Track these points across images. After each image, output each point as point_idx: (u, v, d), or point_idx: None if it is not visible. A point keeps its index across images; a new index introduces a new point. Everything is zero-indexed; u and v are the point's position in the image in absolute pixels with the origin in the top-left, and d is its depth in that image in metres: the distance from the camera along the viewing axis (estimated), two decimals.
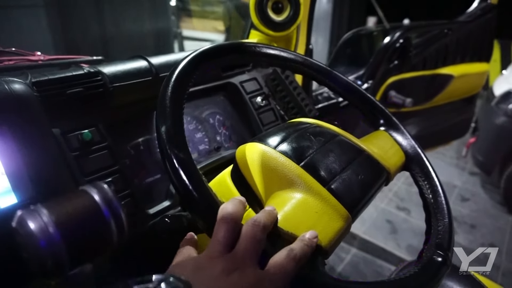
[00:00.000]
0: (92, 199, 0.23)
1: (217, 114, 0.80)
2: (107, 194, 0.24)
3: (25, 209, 0.22)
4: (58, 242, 0.21)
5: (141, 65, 0.66)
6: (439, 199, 0.52)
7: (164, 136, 0.40)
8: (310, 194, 0.43)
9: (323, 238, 0.39)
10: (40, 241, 0.20)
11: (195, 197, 0.37)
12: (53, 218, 0.21)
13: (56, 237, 0.21)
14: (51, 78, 0.54)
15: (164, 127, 0.40)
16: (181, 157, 0.38)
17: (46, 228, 0.21)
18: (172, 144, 0.39)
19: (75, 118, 0.56)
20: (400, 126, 0.62)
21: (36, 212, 0.22)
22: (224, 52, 0.54)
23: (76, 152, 0.53)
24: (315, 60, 0.64)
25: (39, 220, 0.21)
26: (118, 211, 0.23)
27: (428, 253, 0.45)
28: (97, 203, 0.23)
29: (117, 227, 0.23)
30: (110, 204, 0.23)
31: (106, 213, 0.23)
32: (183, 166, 0.38)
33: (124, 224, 0.24)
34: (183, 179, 0.37)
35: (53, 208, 0.22)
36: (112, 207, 0.23)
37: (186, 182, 0.37)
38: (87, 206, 0.23)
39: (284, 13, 0.87)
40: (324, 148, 0.49)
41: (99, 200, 0.23)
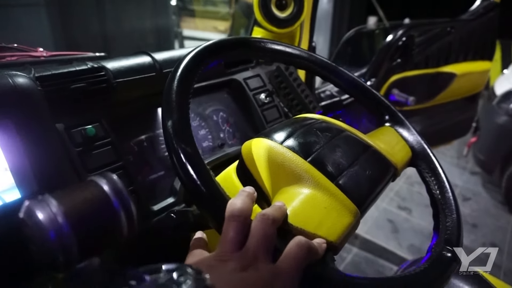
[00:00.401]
0: (102, 189, 0.23)
1: (221, 111, 0.79)
2: (117, 185, 0.23)
3: (32, 199, 0.21)
4: (68, 233, 0.20)
5: (145, 61, 0.65)
6: (447, 195, 0.52)
7: (171, 130, 0.39)
8: (319, 189, 0.42)
9: (333, 234, 0.39)
10: (49, 232, 0.20)
11: (203, 191, 0.36)
12: (62, 208, 0.20)
13: (65, 228, 0.20)
14: (55, 73, 0.53)
15: (170, 121, 0.40)
16: (188, 151, 0.38)
17: (55, 218, 0.20)
18: (179, 139, 0.38)
19: (78, 113, 0.55)
20: (406, 121, 0.61)
21: (44, 202, 0.21)
22: (230, 47, 0.54)
23: (79, 147, 0.52)
24: (320, 56, 0.63)
25: (47, 210, 0.20)
26: (128, 202, 0.23)
27: (437, 248, 0.44)
28: (107, 193, 0.22)
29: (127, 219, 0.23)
30: (120, 195, 0.23)
31: (115, 204, 0.22)
32: (190, 161, 0.37)
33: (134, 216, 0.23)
34: (190, 173, 0.36)
35: (62, 198, 0.21)
36: (122, 198, 0.23)
37: (194, 177, 0.36)
38: (96, 196, 0.22)
39: (288, 10, 0.87)
40: (331, 144, 0.48)
41: (109, 190, 0.23)
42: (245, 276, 0.30)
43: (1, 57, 0.67)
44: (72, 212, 0.21)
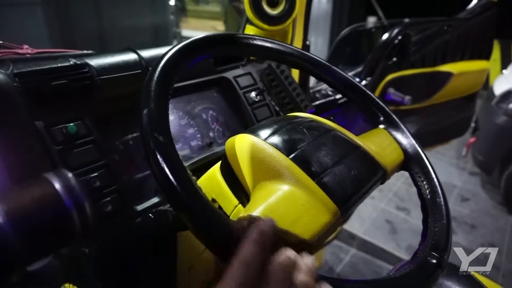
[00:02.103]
0: (53, 187, 0.21)
1: (210, 109, 0.78)
2: (69, 182, 0.22)
3: None
4: (9, 233, 0.19)
5: (131, 58, 0.64)
6: (438, 200, 0.51)
7: (146, 119, 0.38)
8: (298, 186, 0.41)
9: (308, 232, 0.37)
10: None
11: (171, 183, 0.34)
12: (4, 207, 0.19)
13: (6, 228, 0.19)
14: (35, 70, 0.52)
15: (146, 110, 0.38)
16: (161, 141, 0.36)
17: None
18: (153, 129, 0.37)
19: (60, 111, 0.54)
20: (400, 124, 0.60)
21: None
22: (216, 42, 0.53)
23: (60, 145, 0.51)
24: (311, 54, 0.62)
25: None
26: (82, 200, 0.21)
27: (423, 254, 0.43)
28: (58, 192, 0.21)
29: (80, 217, 0.21)
30: (73, 192, 0.21)
31: (67, 203, 0.21)
32: (162, 152, 0.35)
33: (88, 214, 0.22)
34: (161, 165, 0.34)
35: (7, 197, 0.20)
36: (75, 196, 0.21)
37: (165, 169, 0.34)
38: (46, 195, 0.21)
39: (279, 7, 0.85)
40: (317, 142, 0.47)
41: (60, 188, 0.21)
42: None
43: None
44: (16, 211, 0.20)
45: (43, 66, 0.54)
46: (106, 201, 0.53)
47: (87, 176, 0.52)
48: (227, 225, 0.34)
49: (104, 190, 0.53)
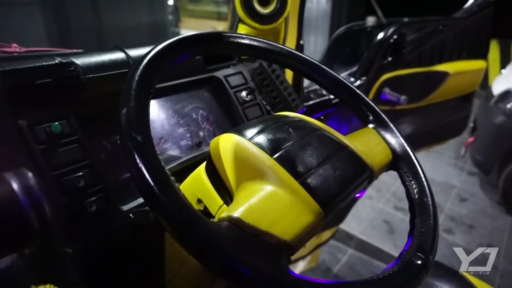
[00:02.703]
0: (9, 187, 0.21)
1: (201, 108, 0.77)
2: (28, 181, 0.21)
3: None
4: None
5: (118, 57, 0.64)
6: (425, 200, 0.50)
7: (125, 118, 0.37)
8: (280, 186, 0.40)
9: (288, 232, 0.37)
10: None
11: (147, 182, 0.33)
12: None
13: None
14: (18, 68, 0.52)
15: (125, 109, 0.38)
16: (139, 141, 0.35)
17: None
18: (131, 127, 0.36)
19: (44, 110, 0.53)
20: (389, 123, 0.59)
21: None
22: (203, 40, 0.52)
23: (43, 145, 0.50)
24: (300, 53, 0.61)
25: None
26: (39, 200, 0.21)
27: (408, 254, 0.42)
28: (15, 191, 0.21)
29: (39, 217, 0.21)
30: (30, 192, 0.21)
31: (24, 203, 0.21)
32: (140, 151, 0.35)
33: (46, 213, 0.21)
34: (138, 165, 0.34)
35: None
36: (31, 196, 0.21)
37: (142, 169, 0.34)
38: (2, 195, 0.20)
39: (270, 6, 0.85)
40: (302, 141, 0.46)
41: (18, 188, 0.21)
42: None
43: None
44: None
45: (28, 64, 0.53)
46: (90, 200, 0.52)
47: (71, 176, 0.51)
48: (206, 228, 0.33)
49: (89, 190, 0.53)
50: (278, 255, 0.35)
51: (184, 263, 0.54)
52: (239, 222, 0.36)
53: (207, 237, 0.32)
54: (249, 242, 0.35)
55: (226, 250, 0.32)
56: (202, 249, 0.32)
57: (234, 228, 0.35)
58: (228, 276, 0.32)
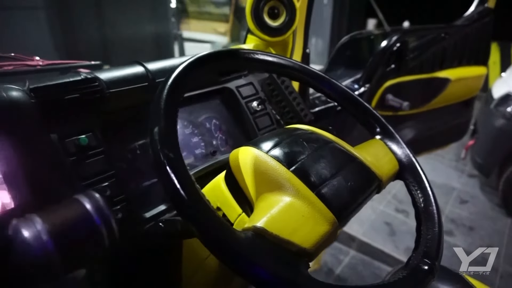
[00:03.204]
0: (84, 208, 0.24)
1: (214, 118, 0.81)
2: (98, 203, 0.25)
3: (20, 218, 0.23)
4: (51, 249, 0.22)
5: (138, 71, 0.67)
6: (431, 208, 0.53)
7: (157, 136, 0.40)
8: (298, 198, 0.43)
9: (307, 241, 0.40)
10: (34, 248, 0.21)
11: (184, 199, 0.36)
12: (46, 226, 0.22)
13: (49, 245, 0.22)
14: (49, 85, 0.55)
15: (157, 128, 0.41)
16: (171, 157, 0.38)
17: (39, 236, 0.22)
18: (164, 145, 0.39)
19: (72, 123, 0.57)
20: (395, 135, 0.62)
21: (30, 221, 0.23)
22: (220, 58, 0.55)
23: (73, 157, 0.54)
24: (311, 67, 0.65)
25: (33, 229, 0.22)
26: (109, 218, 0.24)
27: (415, 260, 0.45)
28: (89, 211, 0.24)
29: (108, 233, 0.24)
30: (101, 212, 0.24)
31: (97, 221, 0.24)
32: (173, 168, 0.38)
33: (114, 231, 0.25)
34: (173, 181, 0.37)
35: (47, 217, 0.23)
36: (103, 215, 0.24)
37: (176, 184, 0.37)
38: (79, 215, 0.24)
39: (280, 19, 0.88)
40: (315, 154, 0.50)
41: (91, 208, 0.24)
42: None
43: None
44: (56, 229, 0.23)
45: (56, 80, 0.57)
46: (116, 209, 0.55)
47: (98, 186, 0.54)
48: (234, 236, 0.36)
49: (114, 199, 0.56)
50: (299, 261, 0.38)
51: (200, 268, 0.57)
52: (263, 231, 0.39)
53: (236, 246, 0.36)
54: (273, 249, 0.38)
55: (252, 257, 0.35)
56: (231, 256, 0.36)
57: (259, 237, 0.39)
58: (255, 281, 0.35)
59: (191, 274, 0.59)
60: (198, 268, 0.58)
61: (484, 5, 1.59)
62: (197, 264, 0.57)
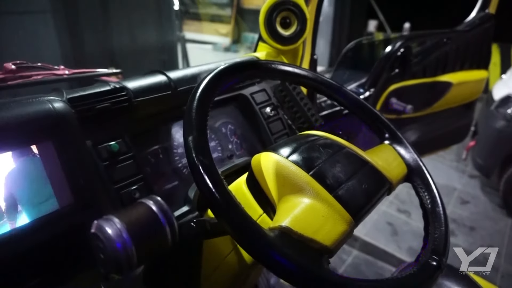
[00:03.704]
0: (151, 209, 0.28)
1: (229, 123, 0.85)
2: (163, 206, 0.29)
3: (100, 219, 0.27)
4: (130, 245, 0.26)
5: (161, 80, 0.71)
6: (437, 209, 0.57)
7: (191, 145, 0.44)
8: (318, 200, 0.47)
9: (328, 239, 0.44)
10: (117, 244, 0.26)
11: (218, 200, 0.41)
12: (124, 225, 0.26)
13: (128, 241, 0.26)
14: (83, 95, 0.59)
15: (191, 137, 0.45)
16: (206, 163, 0.42)
17: (120, 234, 0.26)
18: (198, 153, 0.43)
19: (103, 130, 0.61)
20: (403, 140, 0.66)
21: (110, 221, 0.27)
22: (243, 69, 0.59)
23: (105, 162, 0.58)
24: (325, 77, 0.69)
25: (114, 227, 0.26)
26: (172, 219, 0.28)
27: (425, 257, 0.49)
28: (155, 212, 0.28)
29: (171, 232, 0.28)
30: (166, 213, 0.28)
31: (163, 221, 0.28)
32: (207, 172, 0.42)
33: (176, 230, 0.29)
34: (208, 184, 0.41)
35: (123, 217, 0.27)
36: (167, 216, 0.28)
37: (211, 187, 0.41)
38: (148, 215, 0.28)
39: (291, 28, 0.92)
40: (332, 159, 0.54)
41: (157, 210, 0.28)
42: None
43: (28, 76, 0.73)
44: (132, 228, 0.27)
45: (89, 90, 0.61)
46: None
47: (128, 189, 0.59)
48: (264, 235, 0.41)
49: None
50: (321, 257, 0.43)
51: (219, 266, 0.61)
52: (289, 230, 0.43)
53: (266, 242, 0.40)
54: (298, 246, 0.42)
55: (281, 252, 0.39)
56: (263, 251, 0.40)
57: (285, 235, 0.43)
58: (283, 273, 0.40)
59: (211, 272, 0.63)
60: (218, 266, 0.61)
61: (485, 11, 1.63)
62: (217, 262, 0.61)
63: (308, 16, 0.92)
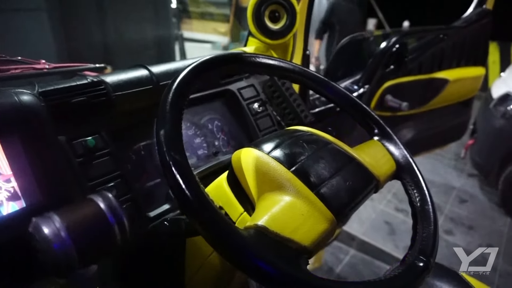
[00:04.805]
0: (98, 207, 0.26)
1: (216, 119, 0.83)
2: (112, 203, 0.26)
3: (39, 216, 0.25)
4: (69, 245, 0.24)
5: (142, 74, 0.69)
6: (427, 207, 0.54)
7: (163, 139, 0.42)
8: (298, 197, 0.45)
9: (307, 239, 0.42)
10: (54, 245, 0.23)
11: (190, 200, 0.38)
12: (64, 224, 0.24)
13: (67, 241, 0.24)
14: (57, 88, 0.57)
15: (163, 131, 0.43)
16: (178, 160, 0.40)
17: (59, 233, 0.24)
18: (169, 148, 0.41)
19: (79, 125, 0.58)
20: (393, 136, 0.64)
21: (49, 219, 0.25)
22: (224, 62, 0.56)
23: (80, 158, 0.56)
24: (312, 71, 0.66)
25: (52, 226, 0.24)
26: (121, 217, 0.26)
27: (411, 257, 0.47)
28: (103, 210, 0.26)
29: (120, 231, 0.26)
30: (114, 211, 0.26)
31: (111, 220, 0.26)
32: (179, 170, 0.39)
33: (126, 229, 0.27)
34: (179, 182, 0.38)
35: (65, 215, 0.25)
36: (116, 214, 0.26)
37: (182, 186, 0.38)
38: (94, 214, 0.25)
39: (281, 22, 0.90)
40: (315, 155, 0.51)
41: (105, 208, 0.26)
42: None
43: (6, 70, 0.71)
44: (73, 227, 0.25)
45: (63, 84, 0.58)
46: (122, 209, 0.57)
47: (104, 186, 0.56)
48: (237, 234, 0.38)
49: (120, 199, 0.57)
50: (299, 258, 0.40)
51: (203, 265, 0.59)
52: (264, 229, 0.41)
53: (238, 243, 0.38)
54: (274, 246, 0.40)
55: (254, 253, 0.37)
56: (234, 253, 0.37)
57: (261, 234, 0.41)
58: (257, 276, 0.37)
59: (194, 272, 0.61)
60: (201, 266, 0.59)
61: (482, 7, 1.61)
62: (200, 262, 0.59)
63: (298, 9, 0.90)
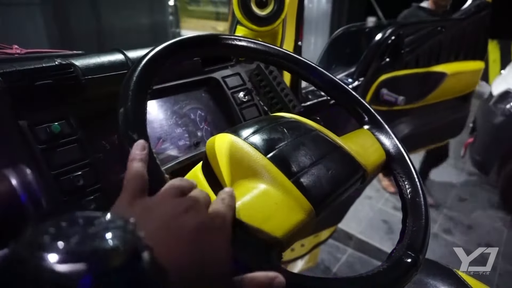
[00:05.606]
0: (9, 182, 0.22)
1: (199, 109, 0.78)
2: (27, 178, 0.23)
3: None
4: None
5: (117, 58, 0.65)
6: (418, 200, 0.51)
7: (122, 118, 0.39)
8: (273, 185, 0.41)
9: (279, 229, 0.38)
10: None
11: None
12: None
13: None
14: (19, 70, 0.53)
15: (122, 109, 0.39)
16: (135, 139, 0.37)
17: None
18: (129, 127, 0.38)
19: (45, 110, 0.54)
20: (384, 124, 0.60)
21: None
22: (200, 43, 0.53)
23: (43, 144, 0.52)
24: (296, 54, 0.63)
25: None
26: (38, 195, 0.22)
27: (398, 252, 0.43)
28: (14, 187, 0.22)
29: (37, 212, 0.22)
30: (29, 188, 0.22)
31: (22, 198, 0.22)
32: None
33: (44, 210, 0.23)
34: None
35: None
36: (30, 192, 0.22)
37: None
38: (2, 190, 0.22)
39: (268, 8, 0.86)
40: (296, 141, 0.48)
41: (17, 184, 0.22)
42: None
43: None
44: None
45: (28, 66, 0.55)
46: (89, 199, 0.53)
47: (70, 175, 0.52)
48: None
49: (88, 189, 0.54)
50: (269, 251, 0.36)
51: None
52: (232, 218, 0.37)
53: None
54: (242, 238, 0.36)
55: None
56: None
57: None
58: None
59: None
60: None
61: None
62: None
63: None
